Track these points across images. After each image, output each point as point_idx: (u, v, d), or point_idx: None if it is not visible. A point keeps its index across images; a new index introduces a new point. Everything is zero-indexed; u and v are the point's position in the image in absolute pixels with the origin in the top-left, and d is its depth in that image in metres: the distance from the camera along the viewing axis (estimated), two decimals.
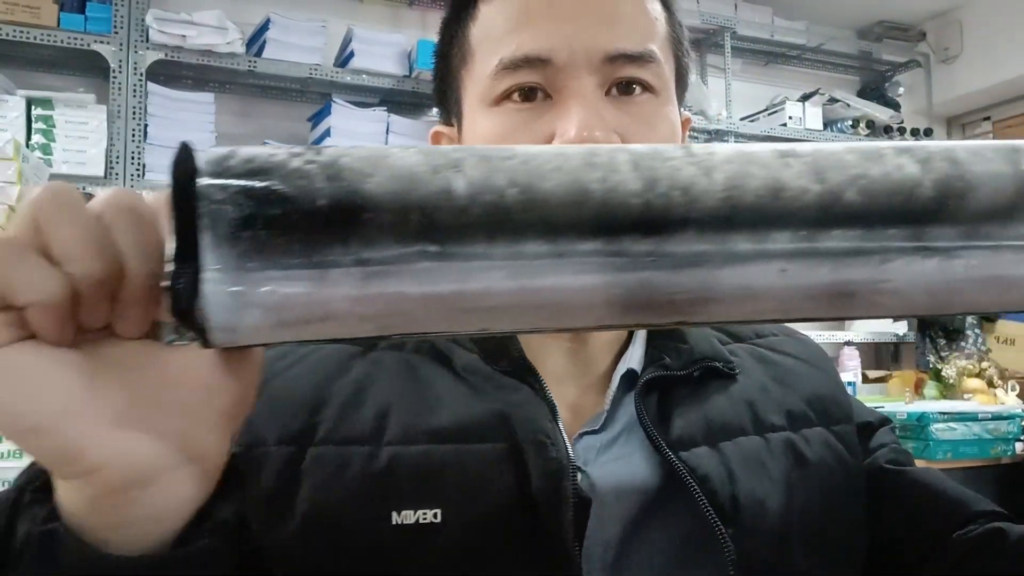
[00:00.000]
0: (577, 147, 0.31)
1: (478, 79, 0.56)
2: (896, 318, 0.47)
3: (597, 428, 0.56)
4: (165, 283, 0.30)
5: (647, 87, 0.55)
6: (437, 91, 0.63)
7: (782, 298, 0.31)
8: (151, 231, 0.31)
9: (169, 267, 0.29)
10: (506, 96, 0.54)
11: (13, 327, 0.30)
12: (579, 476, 0.52)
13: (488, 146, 0.31)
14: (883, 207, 0.30)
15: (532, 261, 0.29)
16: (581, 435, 0.55)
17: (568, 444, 0.53)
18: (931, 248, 0.31)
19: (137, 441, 0.32)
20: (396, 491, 0.50)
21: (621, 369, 0.58)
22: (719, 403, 0.57)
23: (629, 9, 0.55)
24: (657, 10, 0.57)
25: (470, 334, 0.53)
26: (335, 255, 0.29)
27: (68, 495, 0.33)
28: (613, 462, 0.54)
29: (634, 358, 0.59)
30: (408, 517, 0.50)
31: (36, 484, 0.35)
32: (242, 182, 0.28)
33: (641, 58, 0.54)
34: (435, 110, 0.66)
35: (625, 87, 0.54)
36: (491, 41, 0.55)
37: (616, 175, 0.29)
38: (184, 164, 0.29)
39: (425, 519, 0.50)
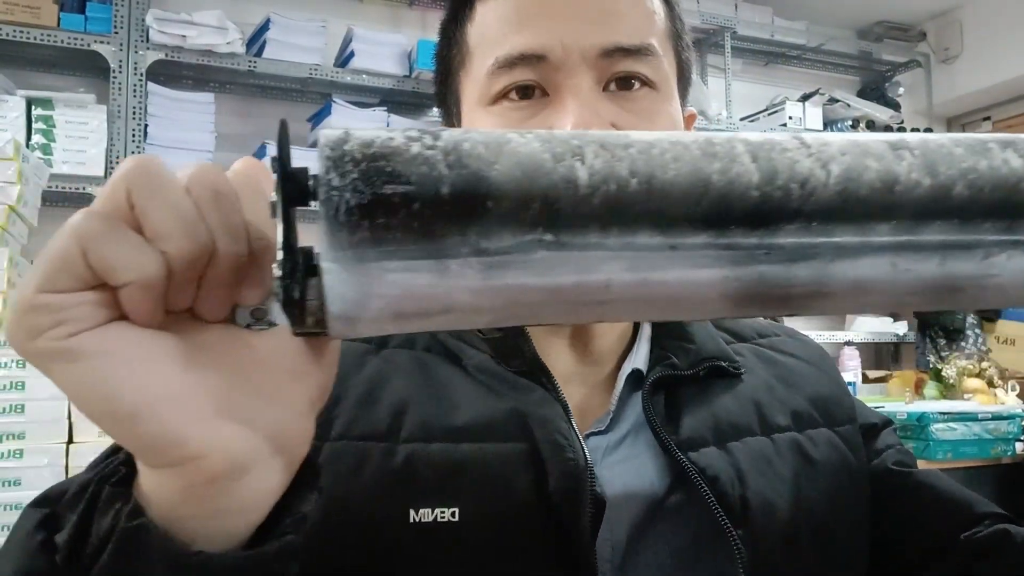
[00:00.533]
0: (694, 135, 0.30)
1: (475, 79, 0.56)
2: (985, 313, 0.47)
3: (604, 429, 0.56)
4: (276, 271, 0.29)
5: (646, 82, 0.54)
6: (438, 94, 0.63)
7: (891, 291, 0.31)
8: (235, 210, 0.30)
9: (279, 253, 0.28)
10: (503, 95, 0.54)
11: (107, 307, 0.29)
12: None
13: (604, 132, 0.30)
14: (989, 201, 0.30)
15: (646, 252, 0.29)
16: (588, 436, 0.55)
17: (584, 445, 0.53)
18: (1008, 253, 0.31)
19: (236, 429, 0.31)
20: (414, 489, 0.50)
21: (627, 369, 0.58)
22: (726, 403, 0.57)
23: (625, 4, 0.55)
24: (656, 4, 0.57)
25: (586, 322, 0.52)
26: (455, 245, 0.28)
27: (156, 486, 0.31)
28: (620, 463, 0.54)
29: (639, 357, 0.59)
30: (426, 515, 0.49)
31: (116, 478, 0.33)
32: (361, 168, 0.27)
33: (638, 51, 0.54)
34: (436, 110, 0.67)
35: (623, 82, 0.54)
36: (487, 41, 0.55)
37: (736, 166, 0.29)
38: (288, 146, 0.27)
39: (443, 517, 0.49)
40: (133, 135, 2.40)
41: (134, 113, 2.41)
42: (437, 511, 0.49)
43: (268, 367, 0.32)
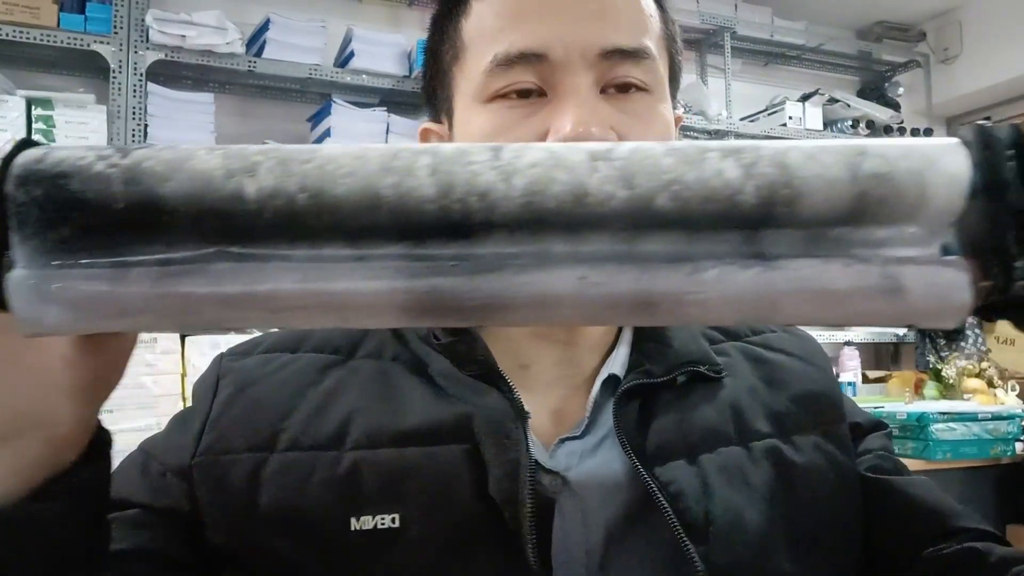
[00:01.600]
0: (379, 149, 0.31)
1: (471, 76, 0.55)
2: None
3: (579, 434, 0.55)
4: None
5: (641, 86, 0.54)
6: (426, 88, 0.62)
7: (580, 305, 0.30)
8: None
9: None
10: (500, 93, 0.54)
11: None
12: (550, 477, 0.52)
13: (291, 147, 0.31)
14: (698, 214, 0.29)
15: (329, 264, 0.30)
16: (563, 440, 0.55)
17: (532, 445, 0.52)
18: (752, 258, 0.30)
19: None
20: (358, 497, 0.50)
21: (603, 374, 0.57)
22: (702, 410, 0.56)
23: (623, 5, 0.55)
24: (651, 7, 0.57)
25: (261, 328, 0.54)
26: (138, 255, 0.30)
27: None
28: (597, 468, 0.54)
29: (617, 361, 0.58)
30: (367, 523, 0.50)
31: None
32: (47, 186, 0.30)
33: (636, 54, 0.54)
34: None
35: (621, 86, 0.54)
36: (484, 37, 0.55)
37: (411, 180, 0.29)
38: (4, 164, 0.30)
39: (383, 524, 0.49)
40: (133, 135, 2.40)
41: (134, 113, 2.41)
42: (378, 518, 0.50)
43: (25, 355, 0.35)
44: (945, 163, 0.29)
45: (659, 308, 0.30)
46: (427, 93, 0.63)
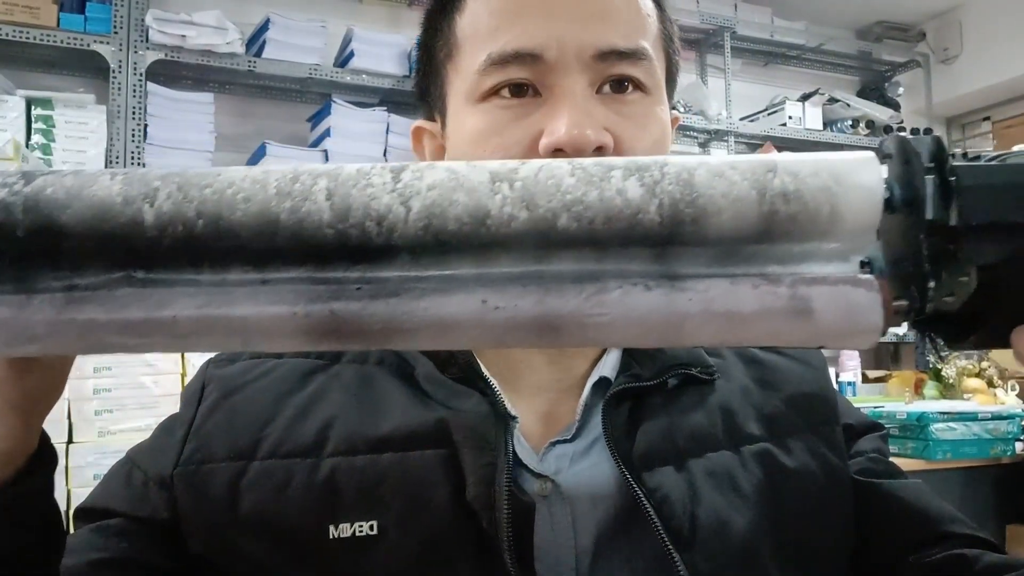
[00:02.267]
0: (280, 172, 0.30)
1: (465, 74, 0.54)
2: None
3: (569, 437, 0.55)
4: None
5: (639, 85, 0.53)
6: (419, 85, 0.61)
7: (483, 329, 0.30)
8: None
9: None
10: (494, 92, 0.53)
11: None
12: (539, 481, 0.51)
13: (194, 172, 0.31)
14: (602, 235, 0.28)
15: (234, 288, 0.30)
16: (554, 443, 0.54)
17: (521, 449, 0.52)
18: (659, 278, 0.29)
19: None
20: (336, 504, 0.50)
21: (594, 376, 0.56)
22: (693, 414, 0.55)
23: (621, 5, 0.54)
24: (649, 7, 0.56)
25: (167, 352, 0.56)
26: (44, 281, 0.30)
27: None
28: (587, 471, 0.53)
29: (608, 364, 0.57)
30: (345, 530, 0.49)
31: None
32: None
33: (633, 55, 0.53)
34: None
35: (617, 85, 0.53)
36: (479, 35, 0.54)
37: (308, 204, 0.29)
38: None
39: (361, 532, 0.49)
40: (133, 135, 2.40)
41: (134, 113, 2.41)
42: (356, 525, 0.49)
43: None
44: (858, 178, 0.28)
45: (562, 331, 0.29)
46: (420, 90, 0.62)
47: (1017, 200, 0.27)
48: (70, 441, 1.58)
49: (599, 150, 0.50)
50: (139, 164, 2.40)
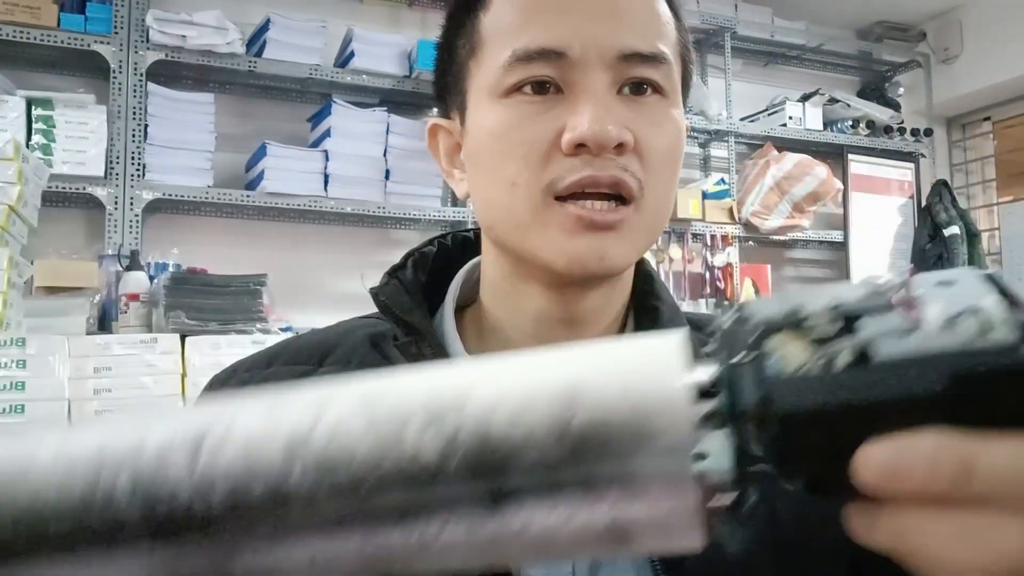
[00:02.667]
0: (85, 463, 0.30)
1: (488, 70, 0.55)
2: None
3: None
4: None
5: (657, 88, 0.55)
6: (438, 83, 0.62)
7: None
8: None
9: None
10: (516, 88, 0.54)
11: None
12: None
13: (6, 466, 0.30)
14: (406, 492, 0.28)
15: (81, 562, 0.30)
16: None
17: None
18: (480, 508, 0.28)
19: None
20: None
21: None
22: None
23: (642, 10, 0.55)
24: (667, 14, 0.57)
25: None
26: None
27: None
28: None
29: None
30: None
31: None
32: None
33: (654, 59, 0.54)
34: (435, 110, 0.66)
35: (636, 87, 0.54)
36: (504, 32, 0.55)
37: (113, 501, 0.29)
38: None
39: None
40: (133, 135, 2.40)
41: (134, 113, 2.41)
42: None
43: None
44: (666, 398, 0.28)
45: (394, 566, 0.29)
46: (438, 88, 0.63)
47: (797, 389, 0.27)
48: None
49: (620, 147, 0.52)
50: (139, 164, 2.40)
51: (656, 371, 0.28)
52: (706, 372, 0.28)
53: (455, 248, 0.66)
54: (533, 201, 0.53)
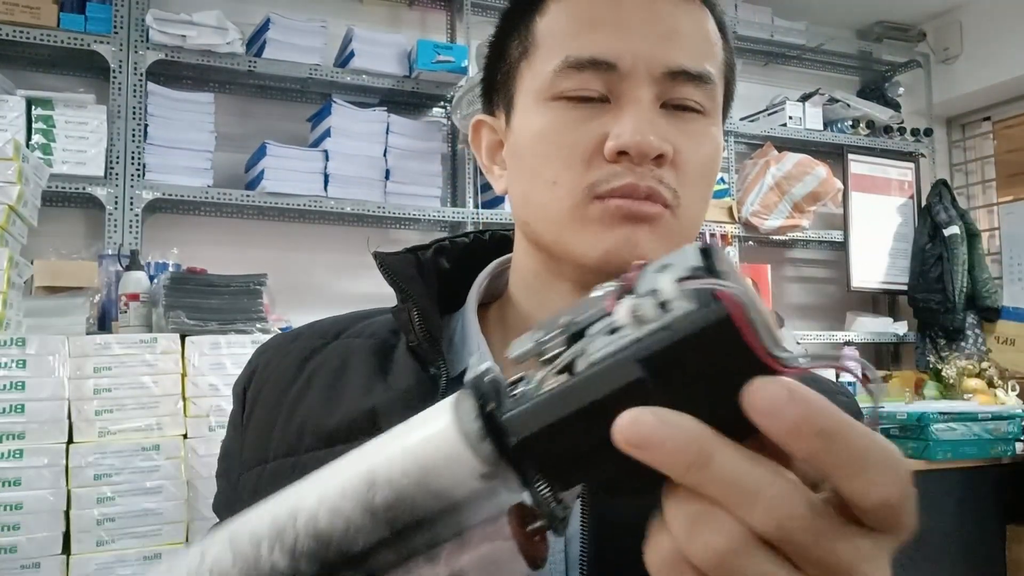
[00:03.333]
0: None
1: (539, 73, 0.57)
2: None
3: None
4: None
5: (699, 108, 0.57)
6: (487, 80, 0.64)
7: None
8: None
9: None
10: (565, 95, 0.56)
11: None
12: None
13: None
14: None
15: None
16: None
17: None
18: None
19: None
20: None
21: None
22: None
23: (693, 29, 0.57)
24: (716, 35, 0.59)
25: None
26: None
27: None
28: None
29: None
30: None
31: None
32: None
33: (700, 78, 0.56)
34: (435, 110, 0.67)
35: (679, 105, 0.56)
36: (558, 37, 0.57)
37: None
38: None
39: None
40: (133, 135, 2.40)
41: (134, 113, 2.41)
42: None
43: None
44: (441, 458, 0.31)
45: None
46: (487, 86, 0.65)
47: (532, 414, 0.29)
48: (70, 441, 1.58)
49: (659, 158, 0.54)
50: (139, 164, 2.40)
51: (432, 436, 0.32)
52: (473, 425, 0.31)
53: (491, 245, 0.68)
54: (573, 199, 0.55)
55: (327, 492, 0.33)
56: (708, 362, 0.27)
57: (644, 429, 0.26)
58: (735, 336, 0.26)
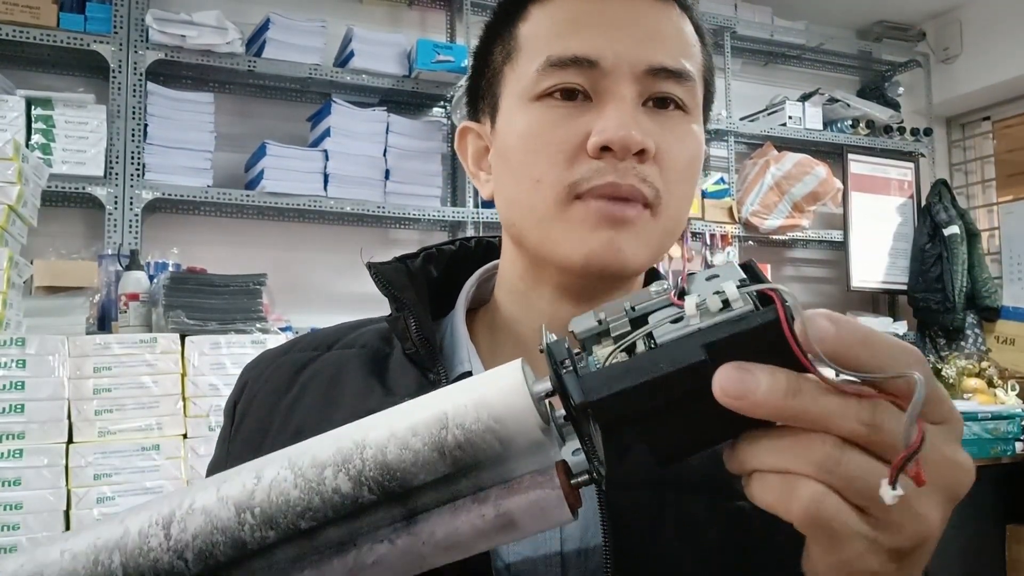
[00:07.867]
0: (82, 558, 0.37)
1: (522, 75, 0.58)
2: None
3: None
4: None
5: (680, 105, 0.57)
6: (472, 88, 0.65)
7: None
8: None
9: None
10: (548, 93, 0.56)
11: None
12: None
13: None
14: (337, 520, 0.36)
15: None
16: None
17: None
18: (394, 532, 0.37)
19: None
20: None
21: None
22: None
23: (673, 31, 0.59)
24: (694, 38, 0.61)
25: None
26: None
27: None
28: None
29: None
30: None
31: None
32: None
33: (680, 75, 0.57)
34: (434, 110, 0.67)
35: (660, 101, 0.57)
36: (540, 40, 0.58)
37: (111, 570, 0.37)
38: None
39: None
40: (133, 135, 2.40)
41: (134, 113, 2.41)
42: None
43: None
44: (510, 408, 0.35)
45: None
46: (471, 93, 0.65)
47: (608, 380, 0.34)
48: (70, 441, 1.58)
49: (642, 154, 0.54)
50: (139, 164, 2.40)
51: (503, 390, 0.36)
52: (542, 384, 0.36)
53: (478, 251, 0.69)
54: (556, 197, 0.55)
55: (396, 429, 0.36)
56: (757, 351, 0.33)
57: (747, 378, 0.32)
58: (781, 334, 0.32)
